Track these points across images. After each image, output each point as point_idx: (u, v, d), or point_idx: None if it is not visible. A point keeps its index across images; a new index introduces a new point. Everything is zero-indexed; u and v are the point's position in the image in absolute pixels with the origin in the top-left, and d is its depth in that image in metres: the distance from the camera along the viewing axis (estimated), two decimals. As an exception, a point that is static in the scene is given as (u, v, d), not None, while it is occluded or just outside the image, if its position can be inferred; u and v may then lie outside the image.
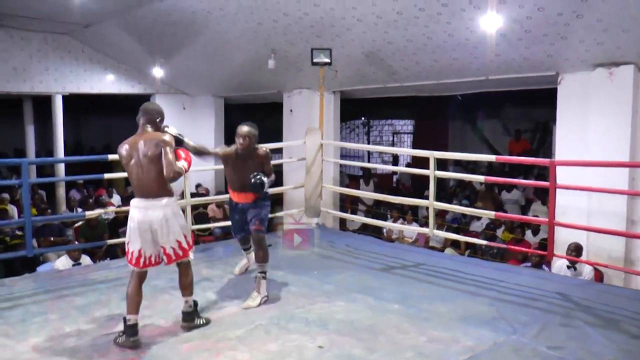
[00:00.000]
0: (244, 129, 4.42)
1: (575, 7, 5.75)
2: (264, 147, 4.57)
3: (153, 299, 4.34)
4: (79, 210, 10.02)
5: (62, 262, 6.20)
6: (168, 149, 3.52)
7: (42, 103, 12.12)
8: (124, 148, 3.66)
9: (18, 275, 5.29)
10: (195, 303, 3.87)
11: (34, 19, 9.83)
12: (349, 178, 12.93)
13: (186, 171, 3.66)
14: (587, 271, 5.76)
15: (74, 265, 6.15)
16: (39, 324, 3.90)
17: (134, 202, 3.65)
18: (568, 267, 5.75)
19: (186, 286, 3.81)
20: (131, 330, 3.53)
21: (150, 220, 3.57)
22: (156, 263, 3.69)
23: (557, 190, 4.89)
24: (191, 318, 3.81)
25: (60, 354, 3.41)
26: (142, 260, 3.62)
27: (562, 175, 5.02)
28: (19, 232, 8.18)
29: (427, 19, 6.82)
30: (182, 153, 3.71)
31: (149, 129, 3.66)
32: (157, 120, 3.71)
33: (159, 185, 3.57)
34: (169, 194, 3.63)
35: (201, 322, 3.84)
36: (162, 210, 3.57)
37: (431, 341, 3.60)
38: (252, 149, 4.46)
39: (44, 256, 7.70)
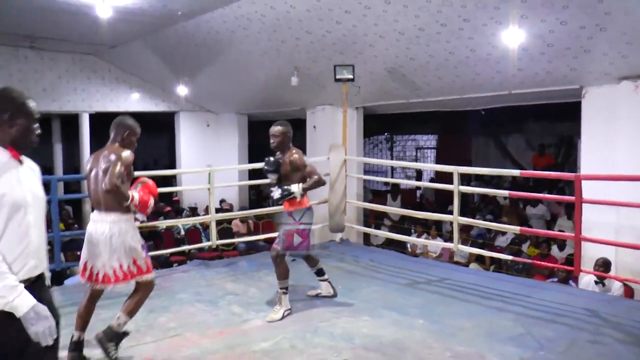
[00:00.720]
0: (273, 127, 4.42)
1: (599, 21, 5.72)
2: (294, 150, 4.41)
3: (178, 311, 4.39)
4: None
5: (89, 277, 6.27)
6: (119, 163, 3.35)
7: (70, 122, 12.39)
8: (88, 161, 3.61)
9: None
10: (124, 333, 3.53)
11: (63, 41, 10.11)
12: (372, 193, 12.92)
13: (135, 204, 3.44)
14: (616, 287, 5.66)
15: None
16: (66, 336, 3.93)
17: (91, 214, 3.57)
18: (596, 282, 5.65)
19: (129, 305, 3.52)
20: (74, 346, 3.44)
21: (96, 233, 3.40)
22: (106, 281, 3.42)
23: (584, 205, 4.84)
24: (110, 337, 3.45)
25: (87, 366, 3.45)
26: (87, 273, 3.45)
27: (589, 189, 4.96)
28: (47, 247, 8.32)
29: (448, 35, 6.84)
30: (140, 191, 3.56)
31: (115, 143, 3.59)
32: (125, 134, 3.59)
33: (109, 199, 3.40)
34: (121, 210, 3.42)
35: (112, 353, 3.40)
36: (108, 225, 3.39)
37: (456, 357, 3.56)
38: (285, 150, 4.40)
39: (71, 270, 7.81)
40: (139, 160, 18.72)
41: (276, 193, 4.35)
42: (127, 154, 3.45)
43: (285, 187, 4.33)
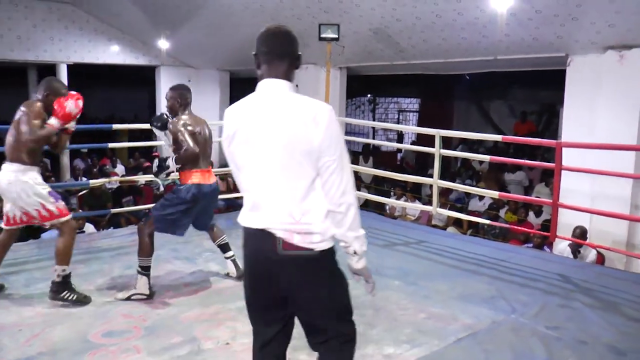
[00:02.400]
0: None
1: (588, -13, 5.67)
2: (182, 115, 4.03)
3: (155, 269, 4.37)
4: (84, 179, 10.05)
5: (66, 231, 6.22)
6: (24, 118, 3.53)
7: (47, 72, 12.07)
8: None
9: (22, 242, 5.33)
10: (67, 275, 3.68)
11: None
12: (352, 154, 12.91)
13: (57, 127, 3.62)
14: (590, 255, 5.78)
15: (77, 233, 6.16)
16: (43, 289, 3.93)
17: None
18: (573, 252, 5.75)
19: (57, 254, 3.66)
20: None
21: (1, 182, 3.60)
22: (13, 223, 3.71)
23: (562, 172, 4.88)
24: (57, 289, 3.63)
25: (63, 319, 3.44)
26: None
27: (567, 158, 5.00)
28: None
29: (437, -4, 6.74)
30: (58, 107, 3.62)
31: (34, 100, 3.69)
32: (45, 94, 3.66)
33: (13, 150, 3.58)
34: (23, 162, 3.57)
35: (70, 297, 3.63)
36: (8, 175, 3.57)
37: (430, 318, 3.62)
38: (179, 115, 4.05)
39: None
40: (118, 114, 18.49)
41: (155, 168, 4.02)
42: (34, 107, 3.58)
43: (162, 160, 4.00)
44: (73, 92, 3.72)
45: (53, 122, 3.58)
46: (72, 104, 3.64)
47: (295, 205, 1.96)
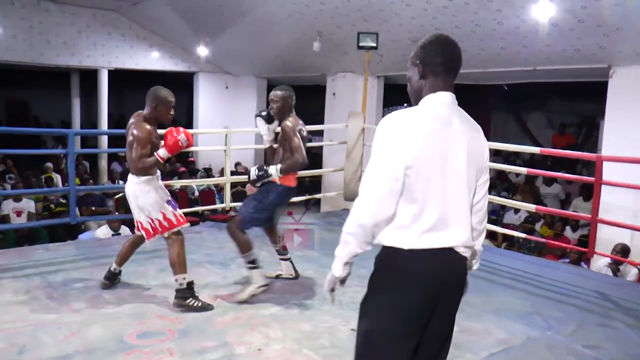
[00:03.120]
0: (273, 92, 4.05)
1: (633, -2, 5.55)
2: (291, 118, 4.00)
3: (188, 272, 4.43)
4: (120, 182, 10.25)
5: (103, 232, 6.35)
6: (134, 144, 3.61)
7: (89, 77, 12.39)
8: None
9: (61, 242, 5.47)
10: (189, 283, 3.74)
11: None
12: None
13: (165, 158, 3.70)
14: (632, 274, 5.61)
15: (113, 235, 6.29)
16: (80, 289, 4.02)
17: None
18: (613, 270, 5.59)
19: (171, 264, 3.76)
20: (109, 274, 4.08)
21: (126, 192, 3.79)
22: (139, 230, 3.85)
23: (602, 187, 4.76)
24: (182, 296, 3.70)
25: (100, 319, 3.51)
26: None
27: (608, 172, 4.87)
28: (63, 200, 8.44)
29: (477, 6, 6.68)
30: (169, 137, 3.71)
31: (143, 112, 3.76)
32: (153, 106, 3.74)
33: (131, 164, 3.69)
34: (140, 174, 3.69)
35: (195, 304, 3.69)
36: (130, 187, 3.73)
37: (463, 332, 3.56)
38: (285, 118, 4.01)
39: (86, 225, 7.91)
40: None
41: (253, 173, 3.97)
42: (138, 132, 3.62)
43: (264, 167, 3.96)
44: (181, 128, 3.83)
45: (162, 153, 3.68)
46: (184, 137, 3.73)
47: (470, 222, 1.93)
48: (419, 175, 1.83)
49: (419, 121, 1.87)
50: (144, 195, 3.68)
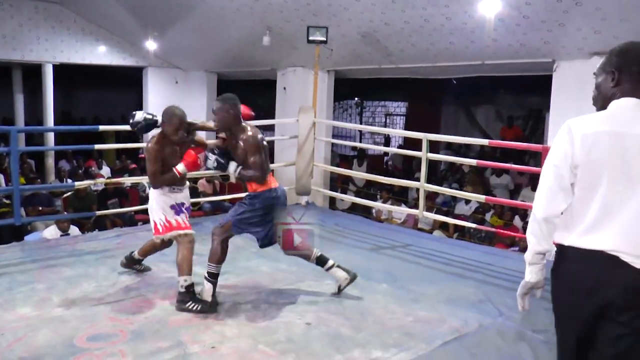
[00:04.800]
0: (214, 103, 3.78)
1: (575, -6, 5.73)
2: (249, 130, 3.68)
3: (143, 274, 4.35)
4: (69, 180, 9.96)
5: (51, 232, 6.17)
6: (146, 162, 3.80)
7: (32, 72, 11.95)
8: None
9: (5, 244, 5.26)
10: (190, 285, 3.70)
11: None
12: (340, 158, 12.93)
13: (182, 174, 3.81)
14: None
15: (62, 235, 6.12)
16: (26, 293, 3.88)
17: None
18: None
19: (177, 264, 3.76)
20: (129, 259, 4.32)
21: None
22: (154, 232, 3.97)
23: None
24: (181, 299, 3.68)
25: (47, 323, 3.39)
26: None
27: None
28: (6, 201, 8.12)
29: (425, 1, 6.77)
30: (189, 156, 3.81)
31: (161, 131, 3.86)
32: (162, 123, 3.82)
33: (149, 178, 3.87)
34: (155, 186, 3.86)
35: (195, 307, 3.63)
36: (150, 192, 3.96)
37: (417, 321, 3.63)
38: (234, 129, 3.71)
39: (32, 225, 7.65)
40: (105, 115, 18.29)
41: (210, 161, 3.75)
42: (148, 152, 3.76)
43: (223, 161, 3.74)
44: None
45: (180, 169, 3.78)
46: (203, 156, 3.82)
47: None
48: (588, 175, 1.92)
49: (592, 123, 1.96)
50: (153, 198, 3.87)
